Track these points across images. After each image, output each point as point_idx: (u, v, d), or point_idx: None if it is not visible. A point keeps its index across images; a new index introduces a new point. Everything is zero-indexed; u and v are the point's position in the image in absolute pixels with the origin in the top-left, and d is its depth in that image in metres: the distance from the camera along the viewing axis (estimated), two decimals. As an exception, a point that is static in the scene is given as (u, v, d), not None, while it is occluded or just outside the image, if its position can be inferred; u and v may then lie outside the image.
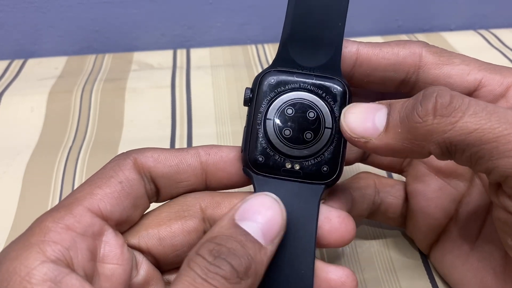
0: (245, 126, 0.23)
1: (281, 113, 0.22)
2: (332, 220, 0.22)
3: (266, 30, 0.56)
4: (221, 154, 0.22)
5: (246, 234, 0.19)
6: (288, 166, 0.22)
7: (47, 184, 0.35)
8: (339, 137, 0.22)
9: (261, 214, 0.19)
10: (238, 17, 0.54)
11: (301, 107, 0.22)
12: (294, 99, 0.22)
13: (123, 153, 0.22)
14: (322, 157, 0.22)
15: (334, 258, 0.30)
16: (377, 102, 0.21)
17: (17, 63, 0.50)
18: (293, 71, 0.23)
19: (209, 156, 0.22)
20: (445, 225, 0.27)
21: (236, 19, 0.54)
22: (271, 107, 0.22)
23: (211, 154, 0.22)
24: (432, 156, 0.26)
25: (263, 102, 0.22)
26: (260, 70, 0.50)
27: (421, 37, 0.55)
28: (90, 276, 0.18)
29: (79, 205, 0.19)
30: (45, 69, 0.49)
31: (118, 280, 0.19)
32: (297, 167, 0.22)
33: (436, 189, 0.27)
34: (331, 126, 0.22)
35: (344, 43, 0.23)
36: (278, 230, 0.20)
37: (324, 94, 0.22)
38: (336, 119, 0.22)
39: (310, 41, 0.23)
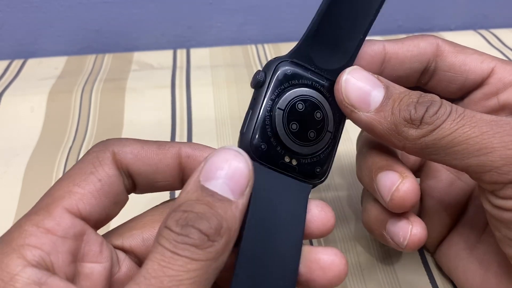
0: (249, 108, 0.22)
1: (292, 106, 0.22)
2: (312, 209, 0.22)
3: (266, 30, 0.56)
4: (201, 160, 0.21)
5: (212, 193, 0.18)
6: (287, 160, 0.22)
7: (47, 184, 0.35)
8: (334, 142, 0.23)
9: (224, 170, 0.19)
10: (238, 17, 0.54)
11: (311, 105, 0.22)
12: (307, 95, 0.22)
13: (102, 142, 0.21)
14: (318, 157, 0.22)
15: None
16: (376, 76, 0.22)
17: (17, 63, 0.50)
18: (308, 67, 0.23)
19: (188, 160, 0.22)
20: (457, 219, 0.27)
21: (236, 19, 0.55)
22: (283, 98, 0.22)
23: (191, 157, 0.22)
24: None
25: (276, 90, 0.22)
26: (260, 70, 0.50)
27: (421, 37, 0.55)
28: (71, 279, 0.18)
29: (57, 207, 0.18)
30: (45, 69, 0.49)
31: (98, 278, 0.19)
32: (294, 162, 0.22)
33: (447, 184, 0.27)
34: (332, 130, 0.23)
35: (370, 43, 0.24)
36: (246, 181, 0.19)
37: (331, 98, 0.23)
38: (336, 125, 0.23)
39: (331, 44, 0.23)
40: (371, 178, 0.25)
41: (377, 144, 0.26)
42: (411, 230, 0.24)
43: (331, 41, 0.23)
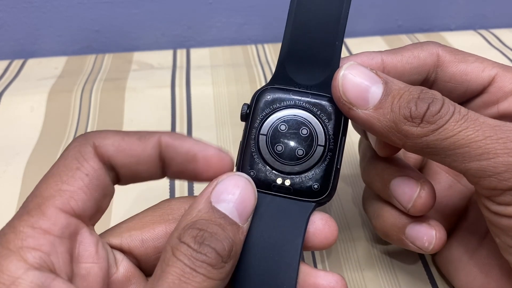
0: (240, 141, 0.23)
1: (274, 129, 0.22)
2: (316, 222, 0.22)
3: (266, 30, 0.56)
4: (180, 150, 0.21)
5: (224, 216, 0.19)
6: (279, 181, 0.22)
7: (47, 183, 0.35)
8: (332, 155, 0.22)
9: (236, 195, 0.20)
10: (238, 17, 0.54)
11: (295, 124, 0.22)
12: (288, 115, 0.22)
13: (82, 135, 0.21)
14: (313, 174, 0.22)
15: (333, 260, 0.30)
16: (374, 71, 0.22)
17: (17, 63, 0.50)
18: (289, 88, 0.23)
19: (167, 149, 0.21)
20: (455, 222, 0.27)
21: (236, 19, 0.55)
22: (265, 123, 0.22)
23: (170, 147, 0.21)
24: None
25: (258, 118, 0.23)
26: (260, 70, 0.50)
27: (421, 37, 0.55)
28: (71, 279, 0.18)
29: (50, 206, 0.18)
30: (45, 69, 0.49)
31: (95, 279, 0.19)
32: (287, 183, 0.22)
33: (446, 187, 0.27)
34: (323, 144, 0.22)
35: (368, 57, 0.24)
36: (252, 209, 0.20)
37: (319, 112, 0.22)
38: (330, 137, 0.22)
39: (307, 60, 0.23)
40: (384, 185, 0.25)
41: None
42: (436, 235, 0.24)
43: (307, 56, 0.23)
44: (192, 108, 0.44)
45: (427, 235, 0.24)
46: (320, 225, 0.22)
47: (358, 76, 0.21)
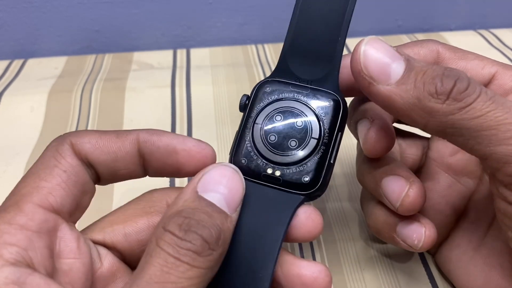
0: (237, 130, 0.23)
1: (270, 119, 0.22)
2: (299, 215, 0.21)
3: (266, 30, 0.56)
4: (159, 145, 0.21)
5: (211, 205, 0.18)
6: (269, 171, 0.22)
7: (47, 183, 0.35)
8: (325, 149, 0.22)
9: (223, 185, 0.19)
10: (238, 17, 0.54)
11: (290, 116, 0.22)
12: (285, 107, 0.23)
13: (59, 136, 0.21)
14: (304, 166, 0.22)
15: (333, 260, 0.30)
16: (395, 48, 0.21)
17: (17, 63, 0.50)
18: (289, 82, 0.23)
19: (145, 145, 0.21)
20: (454, 222, 0.27)
21: (236, 19, 0.55)
22: (261, 113, 0.23)
23: (148, 142, 0.21)
24: (443, 155, 0.25)
25: (255, 108, 0.23)
26: (260, 70, 0.50)
27: (421, 37, 0.55)
28: (51, 274, 0.18)
29: (28, 202, 0.18)
30: (45, 69, 0.49)
31: (77, 274, 0.19)
32: (277, 173, 0.22)
33: (446, 187, 0.27)
34: (317, 137, 0.22)
35: None
36: (240, 198, 0.20)
37: (317, 106, 0.22)
38: (325, 131, 0.22)
39: (309, 55, 0.23)
40: (375, 183, 0.25)
41: None
42: (425, 232, 0.24)
43: (309, 51, 0.23)
44: (192, 108, 0.44)
45: (417, 233, 0.24)
46: (303, 218, 0.21)
47: (380, 51, 0.20)
